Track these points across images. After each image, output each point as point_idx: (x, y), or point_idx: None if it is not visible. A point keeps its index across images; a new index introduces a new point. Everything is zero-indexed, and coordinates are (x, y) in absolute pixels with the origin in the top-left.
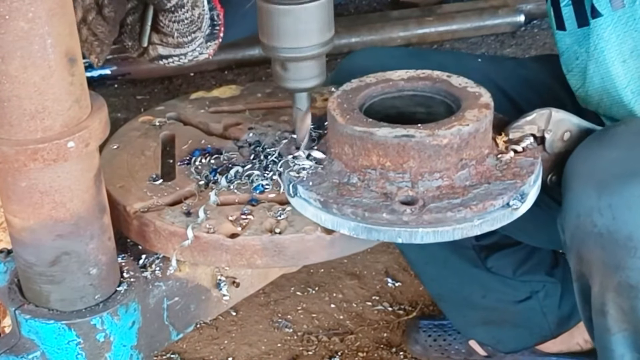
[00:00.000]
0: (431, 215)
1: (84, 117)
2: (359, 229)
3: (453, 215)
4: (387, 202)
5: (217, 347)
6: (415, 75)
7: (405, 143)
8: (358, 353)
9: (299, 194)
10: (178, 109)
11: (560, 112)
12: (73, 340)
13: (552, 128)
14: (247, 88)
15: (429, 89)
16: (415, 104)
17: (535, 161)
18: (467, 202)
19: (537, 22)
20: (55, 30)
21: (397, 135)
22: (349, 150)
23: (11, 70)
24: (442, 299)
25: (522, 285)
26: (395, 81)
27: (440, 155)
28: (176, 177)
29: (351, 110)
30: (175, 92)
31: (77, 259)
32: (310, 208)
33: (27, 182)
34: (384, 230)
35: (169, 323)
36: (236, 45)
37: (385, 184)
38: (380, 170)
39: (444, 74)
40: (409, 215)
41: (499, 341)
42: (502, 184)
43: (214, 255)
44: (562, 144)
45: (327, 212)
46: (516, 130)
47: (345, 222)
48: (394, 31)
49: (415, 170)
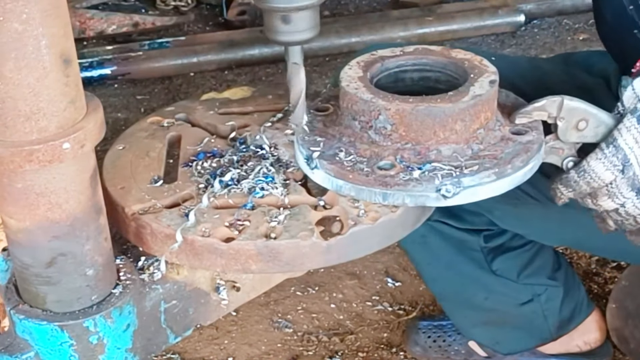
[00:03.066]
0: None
1: (80, 118)
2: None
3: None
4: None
5: (217, 347)
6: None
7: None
8: (358, 353)
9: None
10: (188, 110)
11: (575, 100)
12: (66, 341)
13: (565, 116)
14: (258, 89)
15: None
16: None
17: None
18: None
19: (537, 22)
20: (49, 31)
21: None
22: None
23: (5, 72)
24: (443, 298)
25: (525, 288)
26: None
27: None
28: (177, 179)
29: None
30: (175, 92)
31: (73, 260)
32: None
33: (23, 183)
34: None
35: (167, 326)
36: (236, 45)
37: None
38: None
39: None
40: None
41: (498, 342)
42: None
43: (208, 259)
44: (577, 132)
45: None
46: (523, 115)
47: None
48: (394, 31)
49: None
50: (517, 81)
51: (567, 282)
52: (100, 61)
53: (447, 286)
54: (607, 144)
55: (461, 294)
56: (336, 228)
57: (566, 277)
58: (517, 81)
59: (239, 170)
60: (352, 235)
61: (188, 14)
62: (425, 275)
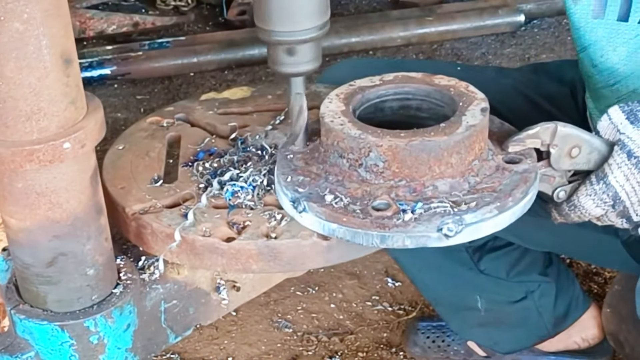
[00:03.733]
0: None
1: (80, 118)
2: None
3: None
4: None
5: (217, 347)
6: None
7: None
8: (358, 353)
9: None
10: (187, 110)
11: (568, 126)
12: (66, 341)
13: (558, 143)
14: (258, 89)
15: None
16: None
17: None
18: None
19: (537, 22)
20: (50, 31)
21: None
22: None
23: (6, 72)
24: (438, 303)
25: (517, 286)
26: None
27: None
28: (178, 179)
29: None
30: (175, 92)
31: (74, 259)
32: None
33: (23, 183)
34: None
35: (167, 326)
36: (236, 45)
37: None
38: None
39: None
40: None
41: (496, 342)
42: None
43: (209, 259)
44: (569, 160)
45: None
46: (516, 143)
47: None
48: (394, 31)
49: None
50: (482, 91)
51: (559, 277)
52: (100, 61)
53: (440, 290)
54: (598, 179)
55: (454, 296)
56: None
57: (558, 272)
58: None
59: (239, 171)
60: None
61: (188, 14)
62: (418, 282)
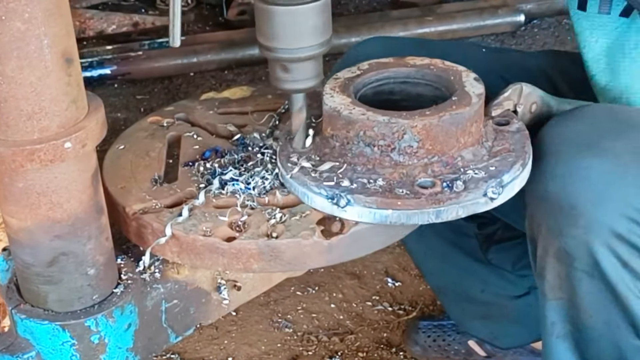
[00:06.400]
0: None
1: (81, 118)
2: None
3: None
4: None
5: (217, 347)
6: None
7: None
8: (358, 353)
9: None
10: (187, 110)
11: (529, 86)
12: (67, 341)
13: (523, 101)
14: (258, 89)
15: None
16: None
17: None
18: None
19: (537, 22)
20: (51, 30)
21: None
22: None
23: (8, 71)
24: (441, 292)
25: (521, 280)
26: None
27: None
28: (178, 179)
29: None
30: (175, 92)
31: (75, 259)
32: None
33: (24, 182)
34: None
35: (168, 326)
36: (236, 45)
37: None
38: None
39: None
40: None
41: (496, 337)
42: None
43: (210, 259)
44: (530, 115)
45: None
46: (497, 107)
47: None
48: (394, 31)
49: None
50: (505, 73)
51: None
52: (100, 61)
53: (444, 278)
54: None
55: (458, 286)
56: (336, 227)
57: None
58: (505, 73)
59: (239, 171)
60: (353, 235)
61: (188, 14)
62: (423, 268)
